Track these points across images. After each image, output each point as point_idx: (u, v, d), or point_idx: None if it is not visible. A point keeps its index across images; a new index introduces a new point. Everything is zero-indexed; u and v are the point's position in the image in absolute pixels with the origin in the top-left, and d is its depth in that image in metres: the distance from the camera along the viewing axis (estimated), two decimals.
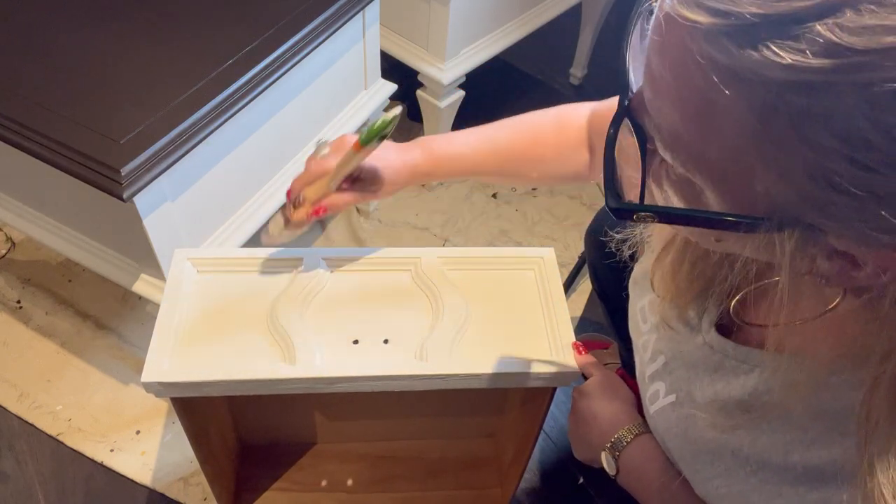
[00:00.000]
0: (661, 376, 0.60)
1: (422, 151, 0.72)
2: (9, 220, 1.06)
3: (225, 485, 0.99)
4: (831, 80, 0.29)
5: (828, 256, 0.36)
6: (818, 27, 0.28)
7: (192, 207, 0.92)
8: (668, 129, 0.37)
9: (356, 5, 1.03)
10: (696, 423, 0.55)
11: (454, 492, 1.07)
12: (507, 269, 0.82)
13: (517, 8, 1.42)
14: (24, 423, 1.16)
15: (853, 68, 0.28)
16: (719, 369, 0.53)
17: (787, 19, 0.29)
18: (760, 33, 0.30)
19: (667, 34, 0.34)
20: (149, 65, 0.90)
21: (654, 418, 0.61)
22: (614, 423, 0.66)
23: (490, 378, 0.72)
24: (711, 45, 0.31)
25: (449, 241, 1.49)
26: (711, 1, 0.31)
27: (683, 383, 0.57)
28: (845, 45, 0.28)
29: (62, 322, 1.28)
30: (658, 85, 0.36)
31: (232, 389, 0.71)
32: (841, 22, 0.28)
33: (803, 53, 0.29)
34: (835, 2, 0.28)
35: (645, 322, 0.64)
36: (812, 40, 0.28)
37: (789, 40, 0.29)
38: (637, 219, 0.39)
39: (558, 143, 0.74)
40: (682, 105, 0.35)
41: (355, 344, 0.74)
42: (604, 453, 0.66)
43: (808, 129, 0.30)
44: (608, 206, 0.40)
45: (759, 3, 0.29)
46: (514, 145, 0.74)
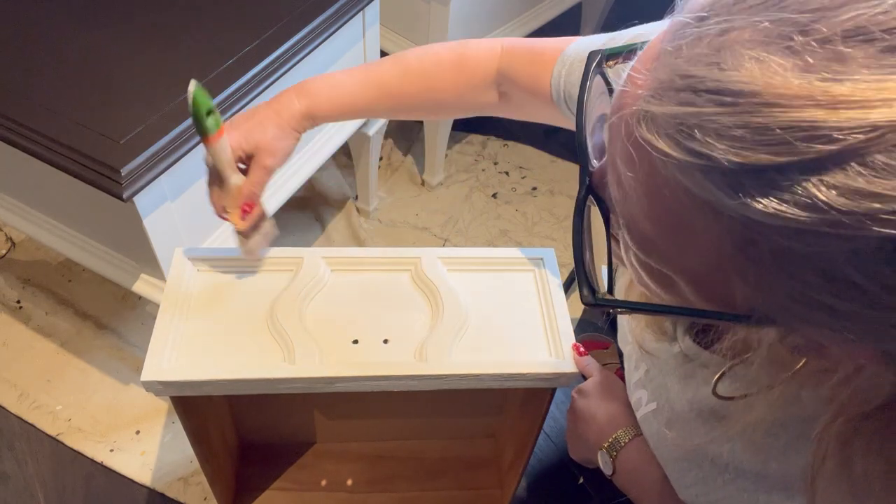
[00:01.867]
0: (644, 384, 0.61)
1: (299, 98, 0.68)
2: (9, 220, 1.06)
3: (225, 484, 0.99)
4: (816, 230, 0.28)
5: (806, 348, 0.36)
6: (804, 183, 0.27)
7: (192, 207, 0.92)
8: (639, 233, 0.35)
9: (356, 5, 1.03)
10: (676, 431, 0.55)
11: (454, 492, 1.07)
12: (507, 269, 0.82)
13: (517, 8, 1.42)
14: (24, 423, 1.16)
15: (838, 224, 0.27)
16: (693, 377, 0.53)
17: (769, 170, 0.27)
18: (740, 180, 0.28)
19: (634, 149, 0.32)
20: (149, 65, 0.90)
21: (641, 424, 0.62)
22: (612, 424, 0.66)
23: (490, 378, 0.72)
24: (686, 177, 0.30)
25: (449, 241, 1.49)
26: (683, 137, 0.29)
27: (662, 391, 0.58)
28: (833, 205, 0.27)
29: (62, 322, 1.28)
30: (626, 192, 0.34)
31: (232, 389, 0.71)
32: (828, 180, 0.27)
33: (787, 205, 0.27)
34: (821, 159, 0.26)
35: (630, 332, 0.64)
36: (797, 194, 0.27)
37: (773, 190, 0.28)
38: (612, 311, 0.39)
39: (456, 87, 0.70)
40: (654, 218, 0.33)
41: (355, 344, 0.74)
42: (600, 453, 0.66)
43: (789, 264, 0.29)
44: (583, 302, 0.39)
45: (736, 152, 0.28)
46: (405, 89, 0.70)
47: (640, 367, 0.62)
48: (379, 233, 1.50)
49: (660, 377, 0.59)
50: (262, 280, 0.78)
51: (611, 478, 0.66)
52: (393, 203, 1.56)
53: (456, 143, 1.67)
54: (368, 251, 0.82)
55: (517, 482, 1.00)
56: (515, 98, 0.71)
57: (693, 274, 0.34)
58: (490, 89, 0.70)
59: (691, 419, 0.53)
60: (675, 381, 0.56)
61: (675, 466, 0.56)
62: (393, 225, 1.52)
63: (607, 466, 0.65)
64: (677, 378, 0.55)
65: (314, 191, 1.55)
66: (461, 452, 1.11)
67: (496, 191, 1.59)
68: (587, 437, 0.68)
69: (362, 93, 0.69)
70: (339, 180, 1.58)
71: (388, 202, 1.56)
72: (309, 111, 0.68)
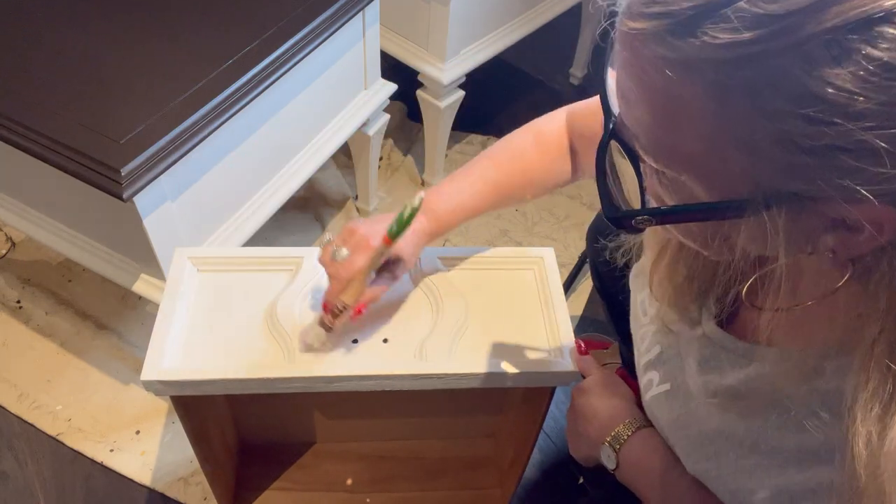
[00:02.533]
0: (655, 366, 0.62)
1: (426, 218, 0.75)
2: (9, 220, 1.06)
3: (225, 484, 0.99)
4: (765, 49, 0.31)
5: (824, 228, 0.37)
6: (742, 3, 0.31)
7: (192, 207, 0.92)
8: (645, 134, 0.39)
9: (356, 5, 1.03)
10: (690, 410, 0.56)
11: (454, 492, 1.07)
12: (507, 269, 0.82)
13: (517, 8, 1.42)
14: (24, 423, 1.16)
15: (780, 32, 0.31)
16: (714, 360, 0.55)
17: (717, 5, 0.32)
18: (697, 23, 0.33)
19: (623, 48, 0.37)
20: (149, 65, 0.90)
21: (650, 406, 0.63)
22: (614, 418, 0.66)
23: (490, 378, 0.72)
24: (659, 44, 0.34)
25: (449, 241, 1.49)
26: (650, 7, 0.34)
27: (678, 373, 0.59)
28: (767, 13, 0.31)
29: (62, 322, 1.28)
30: (628, 96, 0.39)
31: (232, 388, 0.71)
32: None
33: (736, 30, 0.31)
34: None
35: (645, 314, 0.65)
36: (740, 17, 0.31)
37: (721, 22, 0.32)
38: (635, 224, 0.41)
39: (542, 162, 0.77)
40: (650, 108, 0.37)
41: (355, 343, 0.74)
42: (603, 447, 0.66)
43: (759, 98, 0.33)
44: (605, 217, 0.42)
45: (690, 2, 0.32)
46: (505, 179, 0.77)
47: (652, 349, 0.63)
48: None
49: (676, 359, 0.59)
50: (262, 280, 0.78)
51: (613, 472, 0.66)
52: (393, 203, 1.56)
53: (456, 143, 1.67)
54: None
55: (517, 482, 1.00)
56: (584, 154, 0.76)
57: (696, 164, 0.37)
58: (564, 157, 0.77)
59: (709, 400, 0.54)
60: (695, 362, 0.56)
61: (687, 444, 0.57)
62: None
63: (610, 461, 0.65)
64: (697, 360, 0.56)
65: (314, 191, 1.55)
66: (461, 452, 1.11)
67: None
68: (588, 434, 0.68)
69: (474, 198, 0.77)
70: (339, 180, 1.58)
71: (388, 202, 1.56)
72: (435, 230, 0.76)
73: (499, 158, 0.78)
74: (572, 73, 1.87)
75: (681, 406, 0.58)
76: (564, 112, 0.77)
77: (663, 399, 0.60)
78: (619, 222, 0.42)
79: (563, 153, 0.77)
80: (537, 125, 0.78)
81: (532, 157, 0.77)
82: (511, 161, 0.77)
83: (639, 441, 0.64)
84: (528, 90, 1.86)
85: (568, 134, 0.76)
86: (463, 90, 1.40)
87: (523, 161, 0.77)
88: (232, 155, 0.96)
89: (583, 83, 1.87)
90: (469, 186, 0.77)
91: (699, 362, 0.56)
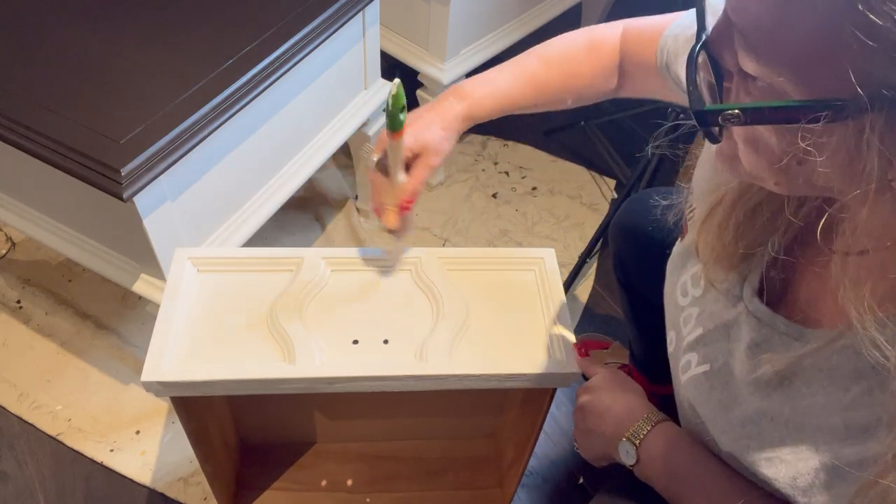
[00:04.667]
0: (695, 347, 0.61)
1: (458, 100, 0.73)
2: (9, 220, 1.06)
3: (225, 484, 0.99)
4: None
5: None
6: None
7: (192, 207, 0.92)
8: (752, 25, 0.38)
9: (356, 5, 1.03)
10: (732, 391, 0.56)
11: (454, 492, 1.07)
12: (507, 269, 0.82)
13: (517, 8, 1.42)
14: (24, 423, 1.16)
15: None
16: (766, 343, 0.54)
17: None
18: None
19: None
20: (149, 65, 0.90)
21: (686, 387, 0.61)
22: (632, 413, 0.66)
23: (490, 378, 0.72)
24: None
25: (449, 241, 1.49)
26: None
27: (720, 354, 0.58)
28: None
29: (62, 322, 1.28)
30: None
31: (232, 389, 0.71)
32: None
33: None
34: None
35: (685, 296, 0.64)
36: None
37: None
38: (723, 121, 0.39)
39: (592, 69, 0.75)
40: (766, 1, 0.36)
41: (355, 344, 0.74)
42: (621, 443, 0.65)
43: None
44: (693, 110, 0.41)
45: None
46: (549, 78, 0.75)
47: (695, 331, 0.61)
48: (379, 233, 1.50)
49: (722, 341, 0.58)
50: (262, 280, 0.78)
51: (632, 468, 0.65)
52: None
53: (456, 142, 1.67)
54: (368, 251, 0.82)
55: (517, 482, 1.00)
56: (630, 75, 0.75)
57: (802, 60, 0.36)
58: (613, 73, 0.75)
59: (754, 381, 0.54)
60: (744, 346, 0.55)
61: (725, 424, 0.56)
62: None
63: (629, 457, 0.65)
64: (747, 344, 0.55)
65: (314, 191, 1.55)
66: (461, 452, 1.11)
67: (496, 191, 1.59)
68: (603, 431, 0.67)
69: (513, 88, 0.74)
70: (339, 180, 1.58)
71: None
72: (468, 112, 0.73)
73: (548, 56, 0.75)
74: None
75: (722, 387, 0.57)
76: (621, 26, 0.75)
77: (703, 380, 0.59)
78: (704, 117, 0.40)
79: (612, 67, 0.75)
80: (594, 32, 0.76)
81: (582, 62, 0.74)
82: (560, 61, 0.75)
83: (660, 435, 0.63)
84: None
85: (620, 51, 0.74)
86: None
87: (572, 64, 0.75)
88: (232, 155, 0.96)
89: None
90: (511, 77, 0.74)
91: (749, 346, 0.55)
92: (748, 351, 0.55)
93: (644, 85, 0.75)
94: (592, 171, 1.65)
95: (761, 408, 0.53)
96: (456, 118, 0.73)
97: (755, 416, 0.54)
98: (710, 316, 0.60)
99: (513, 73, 0.75)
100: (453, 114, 0.72)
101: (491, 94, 0.74)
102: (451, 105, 0.73)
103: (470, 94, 0.73)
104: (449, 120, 0.72)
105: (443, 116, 0.72)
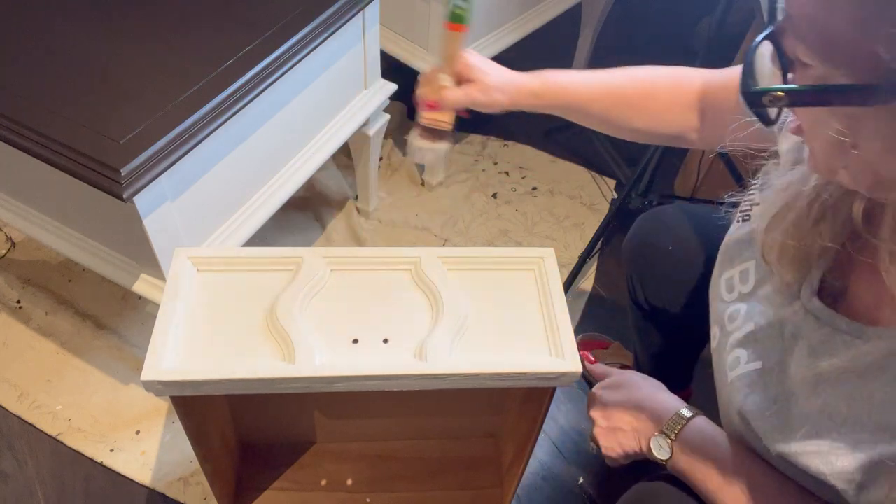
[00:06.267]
0: (744, 344, 0.61)
1: (533, 76, 0.75)
2: (9, 220, 1.06)
3: (225, 484, 0.99)
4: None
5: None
6: None
7: (192, 207, 0.92)
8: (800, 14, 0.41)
9: (356, 5, 1.03)
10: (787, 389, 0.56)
11: (454, 492, 1.07)
12: (507, 269, 0.82)
13: (517, 8, 1.42)
14: (24, 423, 1.16)
15: None
16: (826, 342, 0.54)
17: None
18: None
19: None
20: (149, 65, 0.90)
21: (734, 384, 0.61)
22: (665, 408, 0.66)
23: (490, 378, 0.72)
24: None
25: (449, 241, 1.49)
26: None
27: (774, 352, 0.58)
28: None
29: (62, 322, 1.28)
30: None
31: (232, 388, 0.71)
32: None
33: None
34: None
35: (731, 291, 0.64)
36: None
37: None
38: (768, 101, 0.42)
39: (670, 99, 0.75)
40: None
41: (355, 343, 0.74)
42: (655, 438, 0.66)
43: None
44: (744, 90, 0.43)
45: None
46: (626, 91, 0.76)
47: (744, 326, 0.62)
48: (379, 233, 1.50)
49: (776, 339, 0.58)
50: (262, 280, 0.78)
51: (665, 462, 0.65)
52: (393, 203, 1.56)
53: (456, 142, 1.67)
54: (368, 251, 0.82)
55: (517, 482, 1.00)
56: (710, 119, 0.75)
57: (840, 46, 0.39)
58: (692, 110, 0.75)
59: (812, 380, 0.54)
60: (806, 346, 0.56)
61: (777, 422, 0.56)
62: (393, 225, 1.52)
63: (663, 451, 0.65)
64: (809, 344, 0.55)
65: (314, 191, 1.56)
66: (461, 452, 1.11)
67: (496, 191, 1.59)
68: (636, 427, 0.68)
69: (590, 87, 0.76)
70: (339, 180, 1.58)
71: (388, 202, 1.56)
72: (538, 89, 0.75)
73: (633, 73, 0.77)
74: None
75: (776, 385, 0.57)
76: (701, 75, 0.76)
77: (756, 378, 0.59)
78: (750, 98, 0.43)
79: (691, 107, 0.75)
80: (677, 69, 0.77)
81: (662, 90, 0.76)
82: (641, 82, 0.76)
83: (697, 429, 0.64)
84: None
85: (701, 96, 0.75)
86: None
87: (652, 89, 0.76)
88: (232, 155, 0.96)
89: None
90: (591, 75, 0.76)
91: (811, 347, 0.55)
92: (808, 349, 0.55)
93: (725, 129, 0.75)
94: (592, 171, 1.65)
95: (818, 406, 0.53)
96: (519, 88, 0.75)
97: (811, 415, 0.54)
98: (762, 313, 0.60)
99: (595, 75, 0.76)
100: (520, 83, 0.75)
101: (564, 84, 0.75)
102: (524, 77, 0.75)
103: (546, 76, 0.75)
104: (515, 85, 0.74)
105: (513, 78, 0.75)
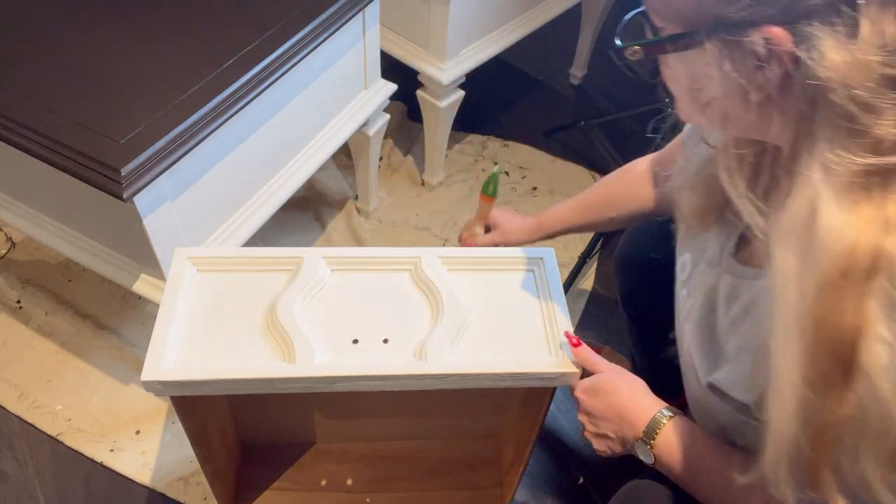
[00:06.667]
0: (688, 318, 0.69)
1: (533, 217, 1.00)
2: (9, 220, 1.06)
3: (225, 484, 0.99)
4: None
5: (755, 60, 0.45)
6: None
7: (192, 207, 0.92)
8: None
9: (356, 5, 1.03)
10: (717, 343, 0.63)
11: (454, 492, 1.08)
12: (507, 269, 0.82)
13: (517, 8, 1.42)
14: (24, 423, 1.16)
15: None
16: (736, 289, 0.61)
17: None
18: None
19: None
20: (149, 65, 0.90)
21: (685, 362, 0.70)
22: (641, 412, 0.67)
23: (489, 378, 0.72)
24: None
25: (449, 241, 1.49)
26: None
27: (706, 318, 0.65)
28: None
29: (62, 322, 1.28)
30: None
31: (232, 388, 0.71)
32: None
33: None
34: None
35: (683, 271, 0.73)
36: None
37: None
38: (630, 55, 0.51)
39: (622, 185, 0.93)
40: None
41: (355, 343, 0.74)
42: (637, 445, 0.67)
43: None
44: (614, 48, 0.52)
45: None
46: (590, 198, 0.96)
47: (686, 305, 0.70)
48: (379, 233, 1.50)
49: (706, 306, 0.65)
50: (262, 280, 0.78)
51: (653, 466, 0.67)
52: (393, 203, 1.56)
53: (456, 143, 1.67)
54: (368, 251, 0.82)
55: (517, 482, 1.00)
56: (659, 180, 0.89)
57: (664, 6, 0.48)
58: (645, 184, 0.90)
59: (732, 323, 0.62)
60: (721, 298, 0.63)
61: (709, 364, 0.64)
62: (393, 225, 1.52)
63: (648, 456, 0.66)
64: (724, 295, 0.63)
65: (314, 191, 1.55)
66: (461, 452, 1.11)
67: None
68: (619, 435, 0.69)
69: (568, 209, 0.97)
70: (339, 180, 1.58)
71: (388, 202, 1.56)
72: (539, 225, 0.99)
73: (597, 183, 0.97)
74: (572, 73, 1.87)
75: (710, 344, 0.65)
76: (648, 157, 0.91)
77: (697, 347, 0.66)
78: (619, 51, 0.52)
79: (642, 182, 0.90)
80: (632, 162, 0.93)
81: (613, 182, 0.94)
82: (600, 184, 0.96)
83: (671, 431, 0.65)
84: (528, 90, 1.86)
85: (650, 170, 0.90)
86: (463, 90, 1.40)
87: (606, 185, 0.95)
88: (232, 155, 0.96)
89: (583, 83, 1.87)
90: (571, 201, 0.98)
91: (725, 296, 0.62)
92: (725, 299, 0.63)
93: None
94: (592, 171, 1.65)
95: (736, 344, 0.60)
96: (529, 228, 0.99)
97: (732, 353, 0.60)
98: (699, 287, 0.67)
99: (572, 199, 0.98)
100: (529, 223, 1.00)
101: (551, 216, 0.98)
102: (529, 220, 1.00)
103: (541, 215, 0.99)
104: (526, 226, 0.99)
105: (523, 221, 1.00)
